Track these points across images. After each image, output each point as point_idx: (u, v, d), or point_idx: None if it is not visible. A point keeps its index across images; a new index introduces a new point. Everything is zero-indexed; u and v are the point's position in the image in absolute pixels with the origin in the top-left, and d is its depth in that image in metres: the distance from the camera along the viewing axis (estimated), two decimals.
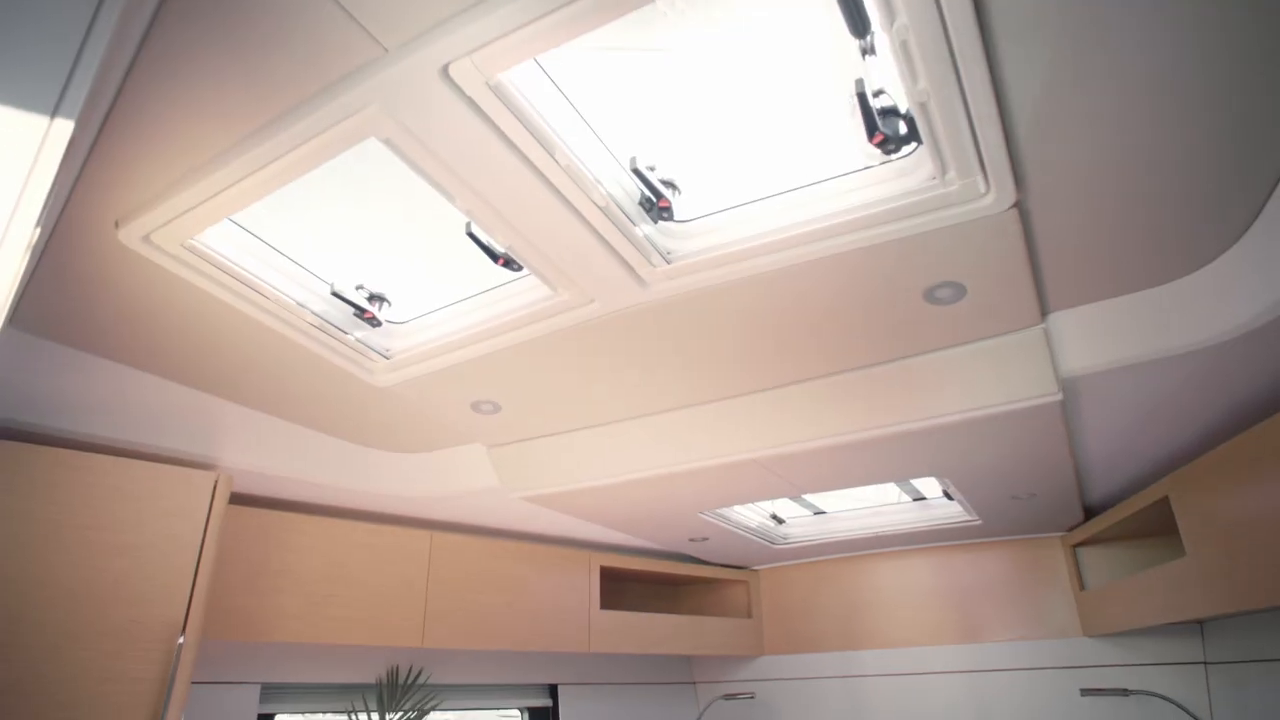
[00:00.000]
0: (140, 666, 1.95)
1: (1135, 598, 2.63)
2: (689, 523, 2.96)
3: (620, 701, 3.62)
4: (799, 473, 2.33)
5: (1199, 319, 1.61)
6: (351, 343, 1.92)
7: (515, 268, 1.66)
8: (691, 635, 3.52)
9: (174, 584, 2.06)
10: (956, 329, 1.75)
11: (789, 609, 3.75)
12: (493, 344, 1.85)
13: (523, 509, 2.80)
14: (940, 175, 1.32)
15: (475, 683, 3.20)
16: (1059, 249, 1.52)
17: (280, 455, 2.38)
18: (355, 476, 2.54)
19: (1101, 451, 2.32)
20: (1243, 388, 1.86)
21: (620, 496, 2.54)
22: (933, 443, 2.07)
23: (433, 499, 2.66)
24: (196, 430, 2.22)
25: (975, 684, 3.21)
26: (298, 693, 2.83)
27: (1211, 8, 1.01)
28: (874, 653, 3.45)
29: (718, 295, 1.63)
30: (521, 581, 3.09)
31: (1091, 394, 1.88)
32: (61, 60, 0.78)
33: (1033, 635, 3.16)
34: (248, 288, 1.69)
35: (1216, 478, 2.07)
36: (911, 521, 3.20)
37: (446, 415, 2.24)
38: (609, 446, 2.30)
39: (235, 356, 1.99)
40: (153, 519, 2.07)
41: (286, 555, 2.56)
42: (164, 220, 1.43)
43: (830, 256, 1.48)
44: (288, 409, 2.30)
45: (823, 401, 2.00)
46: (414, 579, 2.80)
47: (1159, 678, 2.86)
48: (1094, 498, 2.85)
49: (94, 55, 0.81)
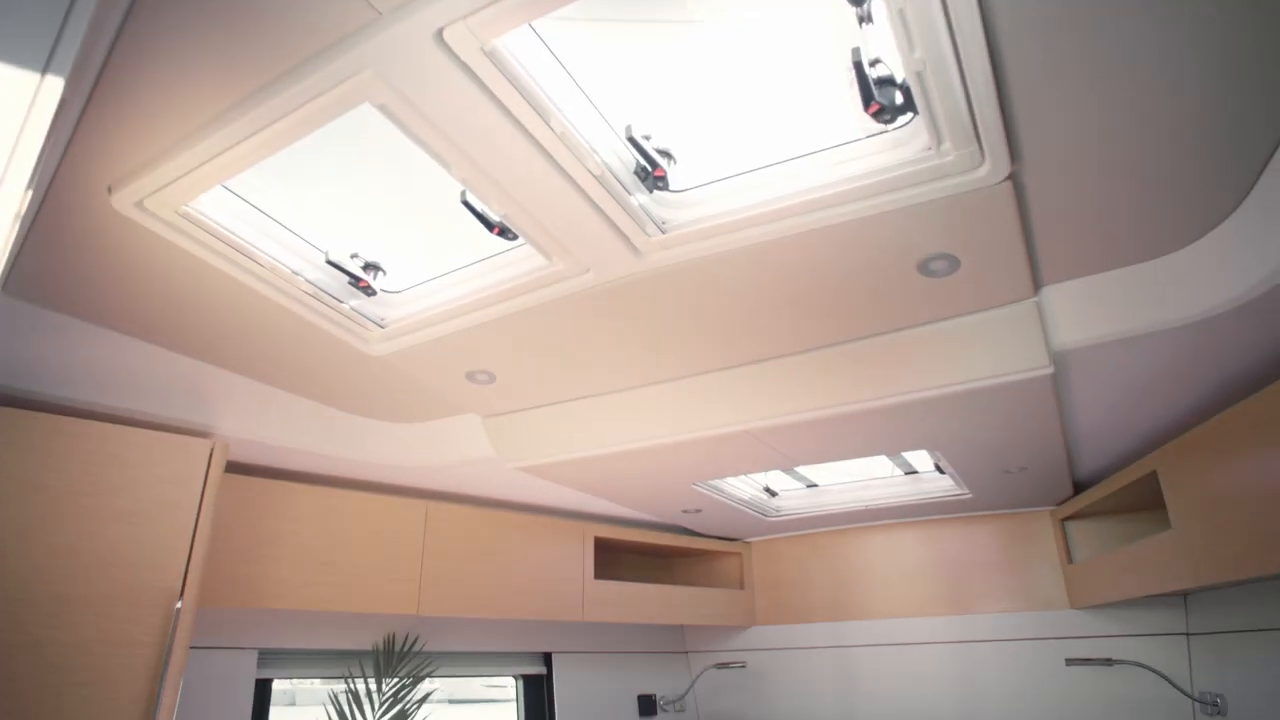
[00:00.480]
0: (139, 630, 1.97)
1: (1121, 571, 2.67)
2: (682, 494, 2.98)
3: (614, 669, 3.67)
4: (791, 445, 2.34)
5: (1191, 293, 1.62)
6: (347, 311, 1.93)
7: (510, 237, 1.66)
8: (684, 605, 3.57)
9: (171, 550, 2.08)
10: (949, 302, 1.76)
11: (781, 580, 3.79)
12: (487, 314, 1.86)
13: (518, 479, 2.82)
14: (935, 146, 1.32)
15: (470, 650, 3.25)
16: (1052, 222, 1.52)
17: (276, 424, 2.40)
18: (351, 446, 2.55)
19: (1091, 426, 2.34)
20: (1233, 362, 1.88)
21: (614, 467, 2.56)
22: (924, 415, 2.08)
23: (428, 469, 2.68)
24: (192, 398, 2.23)
25: (963, 654, 3.27)
26: (295, 658, 2.86)
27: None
28: (864, 623, 3.50)
29: (712, 266, 1.63)
30: (516, 551, 3.13)
31: (1082, 368, 1.90)
32: (51, 16, 0.78)
33: (1020, 607, 3.21)
34: (243, 255, 1.69)
35: (1204, 452, 2.09)
36: (903, 495, 3.23)
37: (442, 385, 2.25)
38: (603, 417, 2.32)
39: (230, 325, 2.00)
40: (150, 486, 2.09)
41: (283, 524, 2.58)
42: (157, 186, 1.43)
43: (825, 227, 1.48)
44: (283, 378, 2.31)
45: (816, 374, 2.01)
46: (410, 548, 2.83)
47: (1142, 648, 2.91)
48: (1083, 472, 2.88)
49: (84, 12, 0.80)
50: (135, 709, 1.93)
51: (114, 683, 1.91)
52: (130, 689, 1.93)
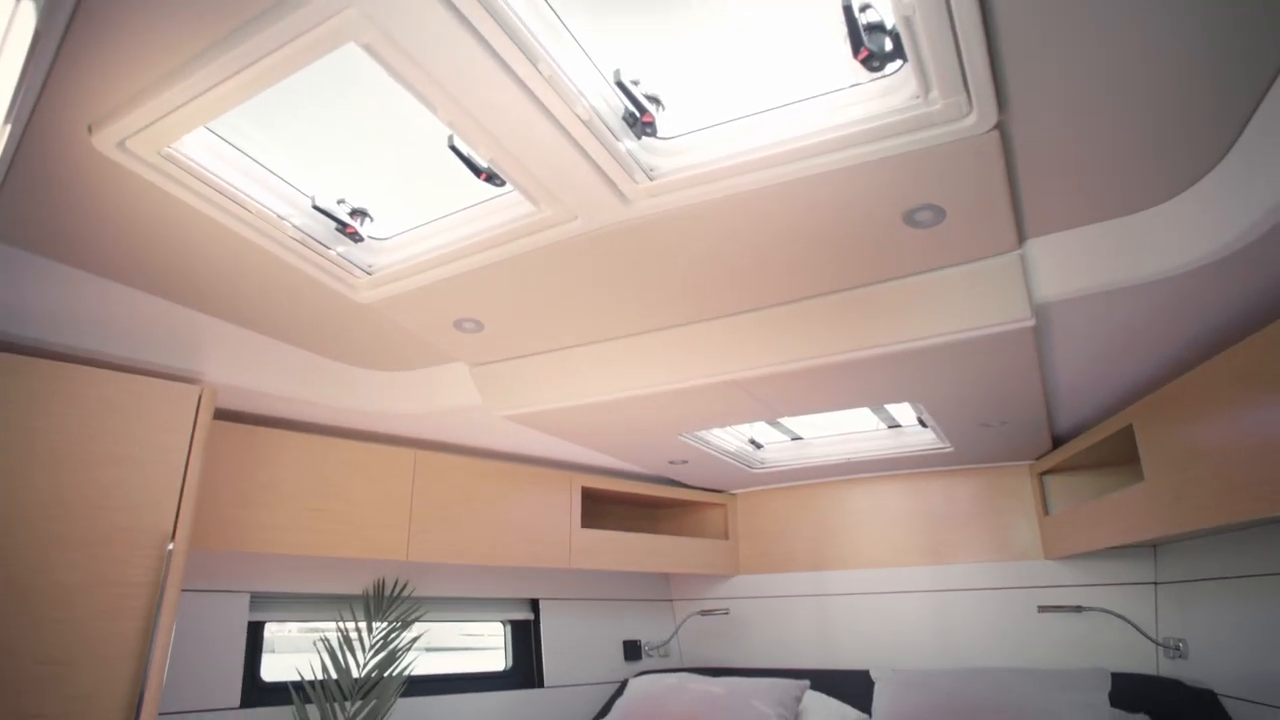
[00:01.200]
0: (133, 571, 2.01)
1: (1094, 522, 2.74)
2: (669, 445, 3.02)
3: (600, 616, 3.76)
4: (777, 395, 2.37)
5: (1172, 247, 1.64)
6: (334, 258, 1.92)
7: (498, 183, 1.65)
8: (669, 554, 3.65)
9: (162, 494, 2.10)
10: (934, 253, 1.77)
11: (764, 531, 3.87)
12: (475, 261, 1.86)
13: (505, 428, 2.85)
14: (923, 94, 1.32)
15: (459, 595, 3.31)
16: (1038, 173, 1.53)
17: (264, 372, 2.40)
18: (339, 394, 2.57)
19: (1071, 380, 2.38)
20: (1209, 318, 1.91)
21: (601, 417, 2.59)
22: (908, 367, 2.11)
23: (416, 417, 2.70)
24: (180, 345, 2.23)
25: (939, 602, 3.36)
26: (286, 602, 2.92)
27: None
28: (844, 573, 3.59)
29: (700, 214, 1.64)
30: (504, 500, 3.17)
31: (1063, 322, 1.92)
32: None
33: (996, 558, 3.29)
34: (228, 200, 1.68)
35: (1178, 406, 2.14)
36: (886, 449, 3.28)
37: (429, 333, 2.25)
38: (590, 367, 2.33)
39: (217, 271, 1.99)
40: (139, 431, 2.10)
41: (273, 470, 2.61)
42: (139, 126, 1.41)
43: (813, 176, 1.49)
44: (271, 325, 2.31)
45: (802, 324, 2.03)
46: (398, 495, 2.87)
47: (1112, 596, 3.01)
48: (1062, 427, 2.94)
49: None
50: (132, 646, 1.97)
51: (111, 620, 1.95)
52: (127, 625, 1.97)
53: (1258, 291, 1.75)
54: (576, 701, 3.52)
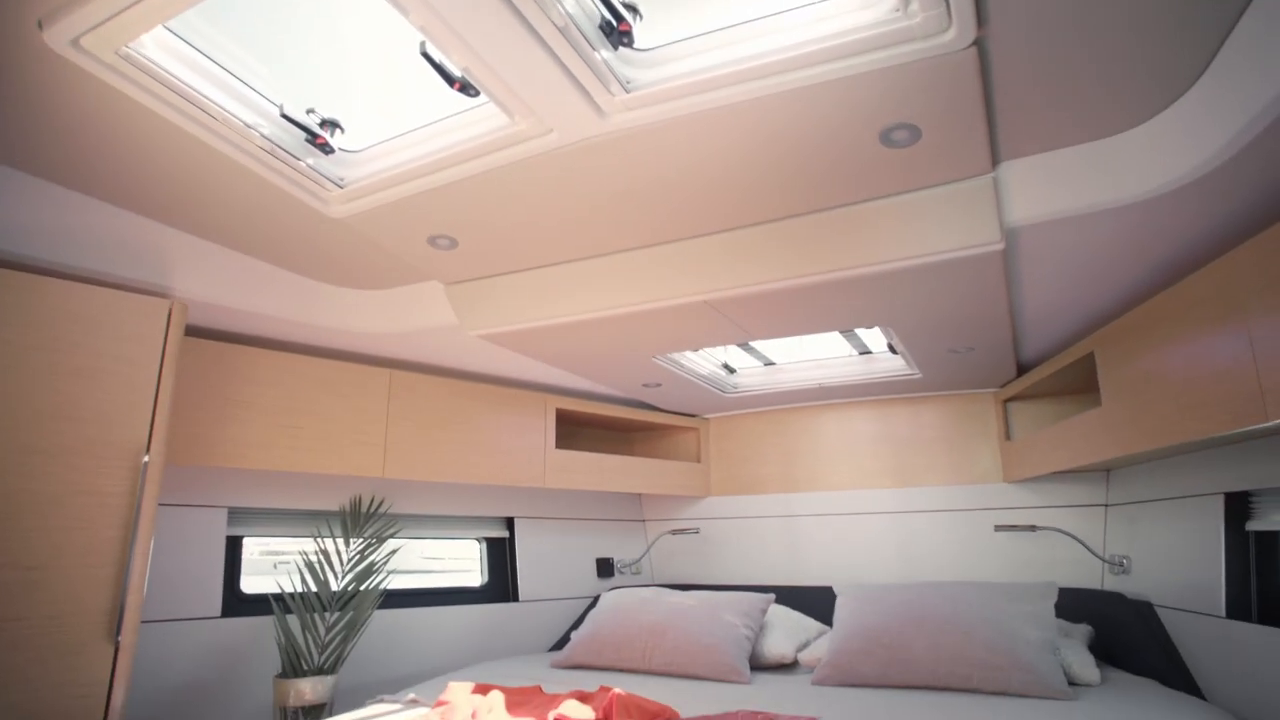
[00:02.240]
0: (109, 482, 2.02)
1: (1052, 446, 2.84)
2: (643, 367, 3.06)
3: (573, 535, 3.86)
4: (750, 317, 2.40)
5: (1142, 171, 1.66)
6: (304, 169, 1.89)
7: (472, 93, 1.62)
8: (642, 475, 3.73)
9: (135, 407, 2.10)
10: (909, 174, 1.78)
11: (736, 455, 3.96)
12: (449, 175, 1.83)
13: (481, 349, 2.86)
14: (903, 7, 1.30)
15: (435, 513, 3.38)
16: (1013, 94, 1.53)
17: (235, 287, 2.38)
18: (312, 312, 2.55)
19: (1037, 307, 2.43)
20: (1174, 245, 1.95)
21: (576, 337, 2.60)
22: (879, 290, 2.14)
23: (391, 335, 2.70)
24: (147, 258, 2.19)
25: (902, 523, 3.49)
26: (264, 517, 2.96)
27: None
28: (812, 494, 3.71)
29: (676, 130, 1.62)
30: (479, 420, 3.21)
31: (1033, 246, 1.95)
32: None
33: (958, 481, 3.42)
34: (192, 105, 1.63)
35: (1138, 334, 2.20)
36: (856, 374, 3.35)
37: (403, 250, 2.23)
38: (565, 286, 2.34)
39: (183, 182, 1.95)
40: (108, 344, 2.09)
41: (247, 387, 2.61)
42: (93, 22, 1.36)
43: (791, 91, 1.47)
44: (242, 240, 2.28)
45: (776, 245, 2.04)
46: (374, 414, 2.89)
47: (1065, 518, 3.15)
48: (1027, 355, 3.01)
49: None
50: (111, 555, 2.00)
51: (88, 529, 1.98)
52: (105, 534, 2.00)
53: (1221, 219, 1.78)
54: (550, 614, 3.64)
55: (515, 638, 3.48)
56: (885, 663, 2.42)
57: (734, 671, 2.63)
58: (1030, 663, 2.24)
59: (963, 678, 2.29)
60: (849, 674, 2.47)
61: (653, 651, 2.77)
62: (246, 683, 2.69)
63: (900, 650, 2.42)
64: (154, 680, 2.49)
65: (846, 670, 2.48)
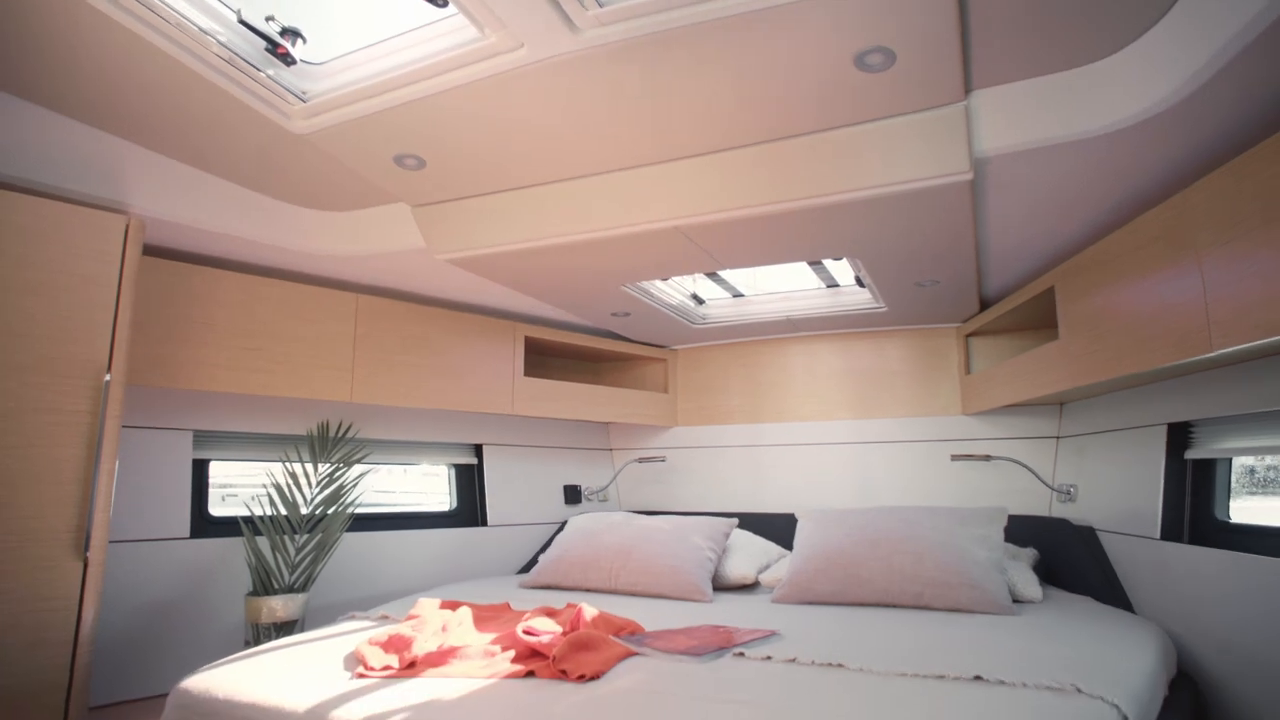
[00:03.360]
0: (70, 399, 2.00)
1: (1010, 378, 2.93)
2: (612, 295, 3.06)
3: (541, 462, 3.92)
4: (720, 244, 2.40)
5: (1114, 102, 1.67)
6: (264, 80, 1.82)
7: (440, 3, 1.57)
8: (610, 404, 3.77)
9: (93, 325, 2.06)
10: (881, 100, 1.77)
11: (703, 385, 4.02)
12: (416, 90, 1.78)
13: (449, 275, 2.83)
14: None
15: (404, 439, 3.40)
16: (988, 20, 1.52)
17: (195, 206, 2.31)
18: (275, 233, 2.49)
19: (1002, 241, 2.47)
20: (1136, 179, 1.98)
21: (544, 262, 2.59)
22: (848, 218, 2.15)
23: (357, 259, 2.66)
24: (102, 173, 2.12)
25: (863, 453, 3.60)
26: (230, 440, 2.95)
27: None
28: (777, 425, 3.79)
29: (649, 48, 1.59)
30: (448, 346, 3.21)
31: (1000, 177, 1.97)
32: None
33: (918, 413, 3.51)
34: (144, 7, 1.56)
35: (1098, 268, 2.26)
36: (823, 307, 3.39)
37: (369, 169, 2.18)
38: (535, 210, 2.31)
39: (138, 92, 1.87)
40: (63, 259, 2.03)
41: (210, 309, 2.57)
42: None
43: (768, 9, 1.45)
44: (201, 157, 2.21)
45: (748, 171, 2.03)
46: (341, 338, 2.87)
47: (1019, 449, 3.27)
48: (990, 290, 3.07)
49: None
50: (76, 474, 1.99)
51: (50, 447, 1.96)
52: (68, 453, 1.99)
53: (1184, 152, 1.82)
54: (519, 539, 3.72)
55: (484, 561, 3.55)
56: (841, 581, 2.53)
57: (697, 591, 2.72)
58: (978, 581, 2.36)
59: (914, 595, 2.41)
60: (807, 592, 2.58)
61: (619, 572, 2.86)
62: (218, 601, 2.72)
63: (856, 569, 2.53)
64: (126, 598, 2.51)
65: (805, 589, 2.59)
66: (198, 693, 1.64)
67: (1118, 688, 1.49)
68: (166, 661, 2.53)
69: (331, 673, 1.71)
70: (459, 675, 1.67)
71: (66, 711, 1.92)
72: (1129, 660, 1.75)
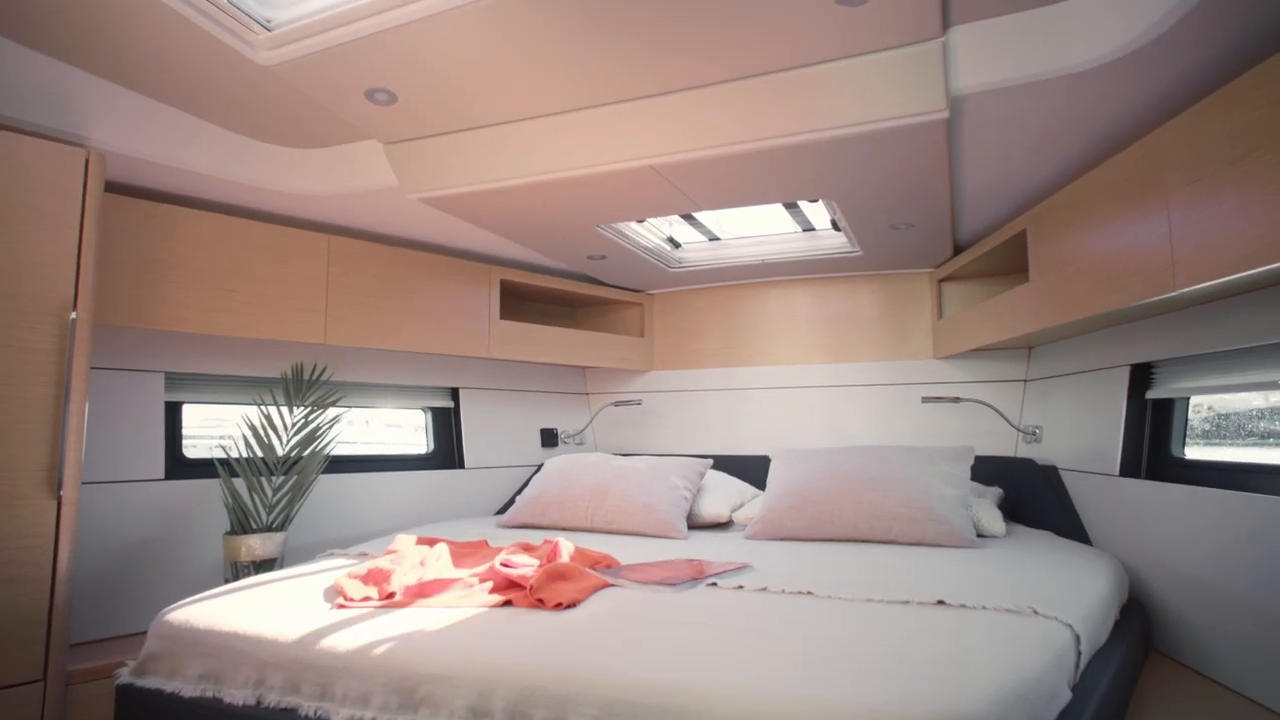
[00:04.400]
0: (35, 337, 1.97)
1: (981, 320, 2.98)
2: (587, 238, 3.04)
3: (518, 406, 3.93)
4: (696, 184, 2.39)
5: (1091, 38, 1.67)
6: (225, 7, 1.77)
7: None
8: (586, 348, 3.78)
9: (56, 262, 2.02)
10: (859, 34, 1.75)
11: (679, 329, 4.04)
12: (386, 20, 1.73)
13: (423, 215, 2.79)
14: None
15: (380, 382, 3.39)
16: None
17: (159, 140, 2.25)
18: (242, 170, 2.44)
19: (976, 183, 2.48)
20: (1109, 120, 1.99)
21: (519, 202, 2.56)
22: (824, 157, 2.14)
23: (328, 198, 2.61)
24: (59, 104, 2.05)
25: (836, 396, 3.66)
26: (203, 383, 2.93)
27: None
28: (752, 369, 3.83)
29: None
30: (423, 288, 3.18)
31: (975, 117, 1.97)
32: None
33: (890, 357, 3.57)
34: None
35: (1069, 210, 2.28)
36: (799, 251, 3.40)
37: (339, 104, 2.13)
38: (509, 148, 2.28)
39: (95, 19, 1.80)
40: (19, 193, 1.97)
41: (178, 248, 2.52)
42: None
43: None
44: (163, 89, 2.14)
45: (724, 108, 2.01)
46: (313, 279, 2.83)
47: (987, 391, 3.34)
48: (963, 235, 3.10)
49: None
50: (45, 414, 1.97)
51: (16, 385, 1.93)
52: (36, 392, 1.96)
53: (1158, 90, 1.82)
54: (496, 481, 3.75)
55: (462, 502, 3.59)
56: (813, 518, 2.60)
57: (672, 529, 2.78)
58: (944, 516, 2.44)
59: (883, 530, 2.48)
60: (779, 528, 2.64)
61: (596, 511, 2.91)
62: (196, 541, 2.73)
63: (826, 506, 2.60)
64: (104, 538, 2.51)
65: (777, 525, 2.65)
66: (179, 623, 1.66)
67: (1071, 610, 1.57)
68: (146, 600, 2.54)
69: (312, 605, 1.74)
70: (438, 606, 1.71)
71: (48, 646, 1.94)
72: (1083, 586, 1.83)
